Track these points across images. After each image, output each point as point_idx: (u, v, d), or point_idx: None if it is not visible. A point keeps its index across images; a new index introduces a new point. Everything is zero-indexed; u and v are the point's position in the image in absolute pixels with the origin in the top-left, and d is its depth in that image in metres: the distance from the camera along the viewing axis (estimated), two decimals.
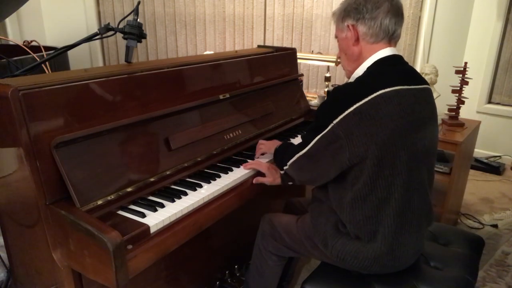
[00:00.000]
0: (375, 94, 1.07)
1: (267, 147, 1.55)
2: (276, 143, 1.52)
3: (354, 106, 1.07)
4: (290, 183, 1.39)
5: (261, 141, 1.60)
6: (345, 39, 1.22)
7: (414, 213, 1.17)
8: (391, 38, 1.19)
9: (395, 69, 1.17)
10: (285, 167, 1.32)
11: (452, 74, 2.33)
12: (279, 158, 1.40)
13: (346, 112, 1.07)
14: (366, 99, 1.06)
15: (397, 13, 1.17)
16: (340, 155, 1.11)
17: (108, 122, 1.19)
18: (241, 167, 1.48)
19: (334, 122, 1.09)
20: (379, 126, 1.07)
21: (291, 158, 1.27)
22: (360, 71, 1.20)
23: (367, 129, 1.07)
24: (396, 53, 1.20)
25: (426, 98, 1.18)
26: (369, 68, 1.18)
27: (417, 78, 1.19)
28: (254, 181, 1.43)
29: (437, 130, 1.25)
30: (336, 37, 1.29)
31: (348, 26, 1.20)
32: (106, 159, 1.16)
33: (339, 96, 1.14)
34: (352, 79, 1.22)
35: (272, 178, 1.42)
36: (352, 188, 1.15)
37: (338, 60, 1.36)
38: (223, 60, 1.68)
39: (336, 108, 1.10)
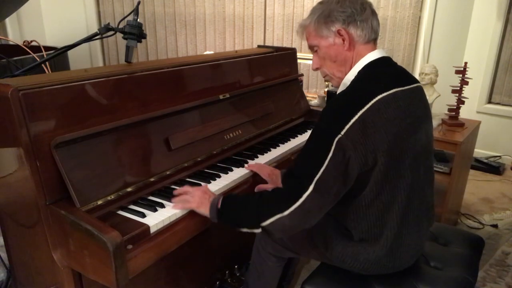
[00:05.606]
0: (374, 100, 1.04)
1: (194, 200, 1.20)
2: (204, 197, 1.20)
3: (359, 114, 1.02)
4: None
5: (186, 189, 1.24)
6: (333, 46, 1.17)
7: (414, 214, 1.17)
8: (376, 38, 1.19)
9: (388, 71, 1.16)
10: (263, 224, 1.08)
11: (452, 74, 2.33)
12: (238, 214, 1.15)
13: (352, 121, 1.01)
14: (368, 106, 1.03)
15: (375, 13, 1.18)
16: (350, 170, 1.04)
17: (108, 122, 1.19)
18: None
19: (342, 133, 1.01)
20: (383, 132, 1.04)
21: (276, 213, 1.05)
22: (350, 76, 1.16)
23: (371, 137, 1.03)
24: (385, 54, 1.19)
25: (419, 97, 1.17)
26: (360, 72, 1.15)
27: (409, 77, 1.19)
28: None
29: (432, 128, 1.24)
30: (313, 47, 1.21)
31: (338, 31, 1.15)
32: (106, 159, 1.17)
33: (340, 107, 1.08)
34: (343, 86, 1.18)
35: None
36: (358, 195, 1.12)
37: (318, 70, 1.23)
38: (223, 60, 1.67)
39: (340, 119, 1.03)
